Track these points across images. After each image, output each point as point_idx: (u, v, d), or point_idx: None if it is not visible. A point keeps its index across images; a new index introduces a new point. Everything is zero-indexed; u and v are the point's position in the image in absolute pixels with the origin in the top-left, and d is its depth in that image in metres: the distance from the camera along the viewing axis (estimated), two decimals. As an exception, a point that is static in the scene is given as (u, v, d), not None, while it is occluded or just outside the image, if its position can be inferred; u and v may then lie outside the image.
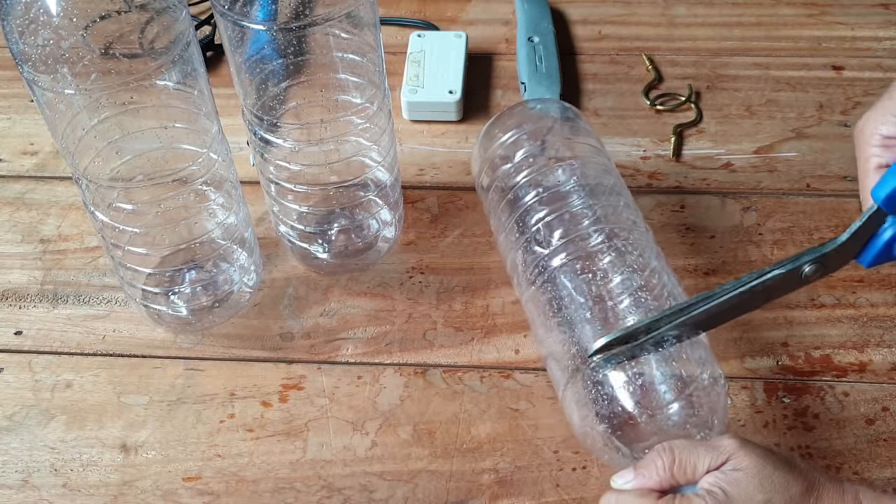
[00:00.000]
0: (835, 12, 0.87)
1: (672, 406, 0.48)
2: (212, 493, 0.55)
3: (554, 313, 0.54)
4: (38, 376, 0.61)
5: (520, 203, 0.59)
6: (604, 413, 0.49)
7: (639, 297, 0.52)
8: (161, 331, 0.63)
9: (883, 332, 0.61)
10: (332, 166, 0.61)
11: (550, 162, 0.61)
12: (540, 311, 0.56)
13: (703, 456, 0.45)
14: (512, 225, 0.59)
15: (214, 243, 0.61)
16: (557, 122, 0.64)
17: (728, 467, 0.45)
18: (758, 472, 0.44)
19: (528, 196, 0.59)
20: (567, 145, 0.62)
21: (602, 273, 0.54)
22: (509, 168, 0.62)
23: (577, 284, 0.54)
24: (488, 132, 0.65)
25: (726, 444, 0.45)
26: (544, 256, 0.56)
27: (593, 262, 0.54)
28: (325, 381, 0.60)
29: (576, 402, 0.51)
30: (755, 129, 0.76)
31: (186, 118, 0.56)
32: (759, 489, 0.43)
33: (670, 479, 0.46)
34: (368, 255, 0.66)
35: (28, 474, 0.56)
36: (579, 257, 0.55)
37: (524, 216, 0.59)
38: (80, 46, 0.48)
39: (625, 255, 0.54)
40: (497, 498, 0.54)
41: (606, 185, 0.59)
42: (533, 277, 0.56)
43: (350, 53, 0.58)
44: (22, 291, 0.66)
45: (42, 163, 0.76)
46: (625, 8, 0.89)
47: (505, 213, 0.61)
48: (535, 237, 0.57)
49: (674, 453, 0.46)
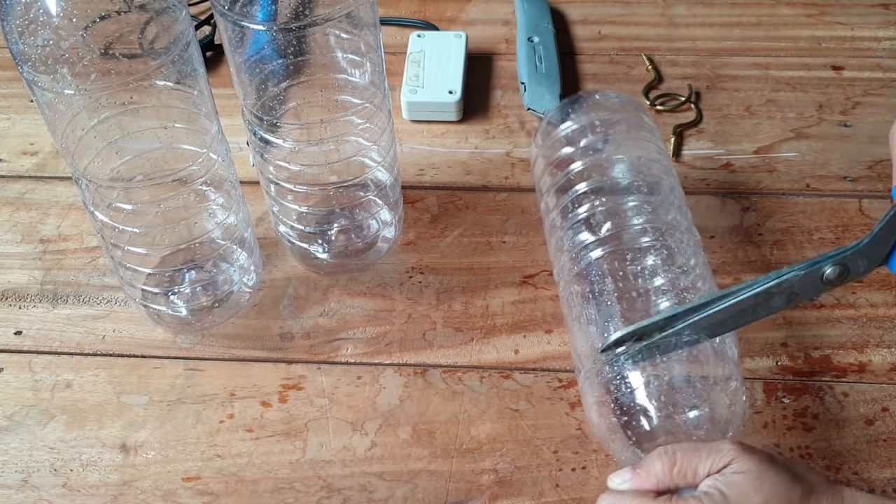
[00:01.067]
0: (835, 12, 0.87)
1: (691, 412, 0.48)
2: (211, 493, 0.55)
3: (588, 302, 0.54)
4: (37, 376, 0.61)
5: (573, 189, 0.60)
6: (621, 409, 0.49)
7: (678, 300, 0.52)
8: (161, 331, 0.63)
9: (882, 333, 0.61)
10: (331, 166, 0.61)
11: (611, 155, 0.61)
12: (576, 297, 0.56)
13: (704, 459, 0.45)
14: (564, 207, 0.59)
15: (214, 243, 0.61)
16: (625, 116, 0.64)
17: (729, 470, 0.44)
18: (758, 475, 0.44)
19: (583, 184, 0.59)
20: (630, 141, 0.62)
21: (645, 271, 0.54)
22: (569, 154, 0.62)
23: (618, 277, 0.54)
24: (555, 116, 0.65)
25: (728, 447, 0.45)
26: (589, 244, 0.56)
27: (638, 259, 0.54)
28: (324, 382, 0.60)
29: (595, 394, 0.51)
30: (755, 130, 0.76)
31: (186, 118, 0.56)
32: (758, 491, 0.43)
33: (669, 482, 0.46)
34: (368, 255, 0.66)
35: (28, 474, 0.56)
36: (625, 251, 0.55)
37: (576, 202, 0.59)
38: (79, 46, 0.48)
39: (671, 257, 0.54)
40: (497, 498, 0.54)
41: (663, 184, 0.59)
42: (575, 262, 0.56)
43: (350, 53, 0.58)
44: (22, 291, 0.66)
45: (42, 163, 0.76)
46: (625, 8, 0.89)
47: (554, 201, 0.61)
48: (585, 224, 0.57)
49: (675, 456, 0.46)
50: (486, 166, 0.74)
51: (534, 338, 0.62)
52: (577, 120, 0.64)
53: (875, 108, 0.77)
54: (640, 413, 0.49)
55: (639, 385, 0.50)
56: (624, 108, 0.65)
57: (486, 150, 0.75)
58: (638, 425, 0.49)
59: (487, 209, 0.70)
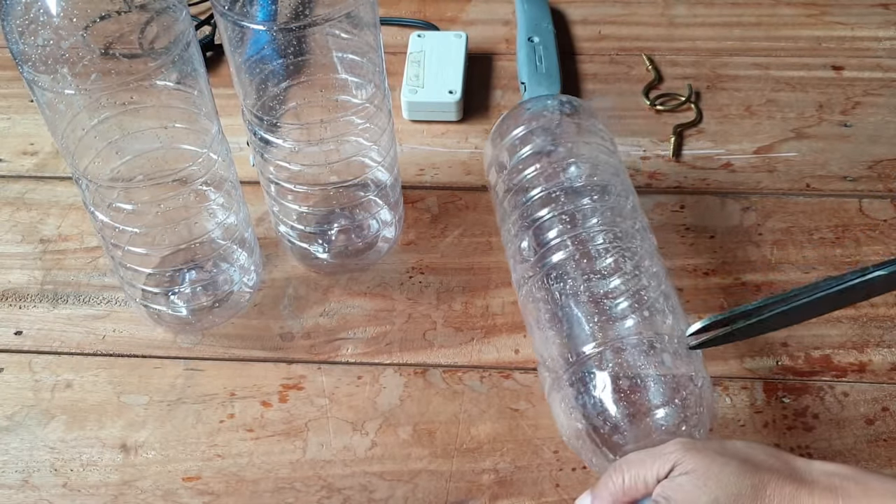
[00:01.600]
0: (835, 12, 0.87)
1: (658, 412, 0.48)
2: (212, 493, 0.55)
3: (548, 310, 0.54)
4: (38, 376, 0.61)
5: (525, 197, 0.59)
6: (588, 415, 0.49)
7: (635, 301, 0.52)
8: (161, 331, 0.63)
9: (883, 333, 0.61)
10: (331, 166, 0.61)
11: (560, 159, 0.61)
12: (535, 306, 0.56)
13: (650, 467, 0.44)
14: (515, 218, 0.59)
15: (214, 243, 0.61)
16: (570, 119, 0.64)
17: (675, 473, 0.43)
18: (703, 472, 0.42)
19: (533, 191, 0.59)
20: (579, 144, 0.62)
21: (600, 274, 0.54)
22: (518, 163, 0.62)
23: (575, 283, 0.54)
24: (501, 126, 0.65)
25: (671, 449, 0.44)
26: (544, 251, 0.56)
27: (593, 263, 0.54)
28: (324, 381, 0.60)
29: (563, 404, 0.51)
30: (755, 129, 0.76)
31: (186, 118, 0.56)
32: (704, 490, 0.42)
33: (625, 498, 0.45)
34: (368, 255, 0.66)
35: (28, 474, 0.56)
36: (580, 256, 0.55)
37: (528, 210, 0.59)
38: (80, 46, 0.48)
39: (626, 259, 0.54)
40: (497, 498, 0.54)
41: (614, 186, 0.59)
42: (531, 272, 0.56)
43: (350, 53, 0.58)
44: (22, 291, 0.66)
45: (42, 163, 0.76)
46: (625, 8, 0.89)
47: (510, 206, 0.61)
48: (537, 232, 0.57)
49: (623, 470, 0.45)
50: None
51: (534, 338, 0.62)
52: (527, 125, 0.63)
53: (875, 108, 0.77)
54: (606, 417, 0.49)
55: (603, 388, 0.49)
56: (575, 112, 0.65)
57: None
58: (605, 430, 0.49)
59: (487, 209, 0.70)
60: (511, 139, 0.63)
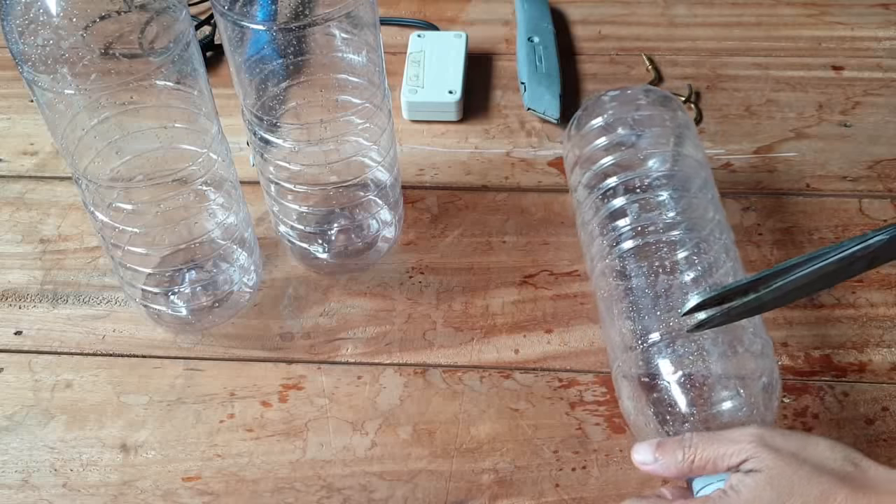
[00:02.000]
0: (835, 12, 0.87)
1: (725, 404, 0.49)
2: (211, 492, 0.55)
3: (621, 295, 0.55)
4: (38, 376, 0.61)
5: (605, 183, 0.60)
6: (656, 404, 0.50)
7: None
8: (161, 331, 0.63)
9: (883, 332, 0.61)
10: (331, 166, 0.61)
11: (644, 150, 0.61)
12: (608, 290, 0.56)
13: (722, 453, 0.45)
14: (596, 201, 0.60)
15: (214, 243, 0.61)
16: (662, 113, 0.64)
17: (746, 466, 0.44)
18: (774, 474, 0.43)
19: (614, 178, 0.60)
20: (663, 136, 0.62)
21: (675, 264, 0.54)
22: (601, 148, 0.62)
23: (650, 271, 0.54)
24: (589, 110, 0.65)
25: (746, 443, 0.45)
26: (621, 238, 0.57)
27: (670, 253, 0.55)
28: (324, 381, 0.60)
29: (629, 389, 0.52)
30: (755, 129, 0.76)
31: (186, 118, 0.56)
32: (771, 492, 0.43)
33: (688, 473, 0.46)
34: (368, 255, 0.66)
35: (28, 474, 0.56)
36: (657, 244, 0.55)
37: (608, 196, 0.59)
38: (79, 47, 0.48)
39: (703, 251, 0.55)
40: (496, 498, 0.54)
41: (695, 180, 0.59)
42: (607, 256, 0.57)
43: (350, 53, 0.58)
44: (22, 291, 0.66)
45: (42, 163, 0.76)
46: (625, 8, 0.89)
47: (588, 191, 0.61)
48: (616, 217, 0.58)
49: (695, 449, 0.46)
50: (486, 166, 0.74)
51: (534, 338, 0.62)
52: (610, 115, 0.64)
53: (875, 108, 0.77)
54: (674, 407, 0.49)
55: (672, 379, 0.50)
56: (658, 103, 0.65)
57: (486, 150, 0.75)
58: (673, 419, 0.49)
59: (487, 209, 0.70)
60: (590, 129, 0.64)
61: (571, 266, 0.66)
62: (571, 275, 0.65)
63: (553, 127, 0.77)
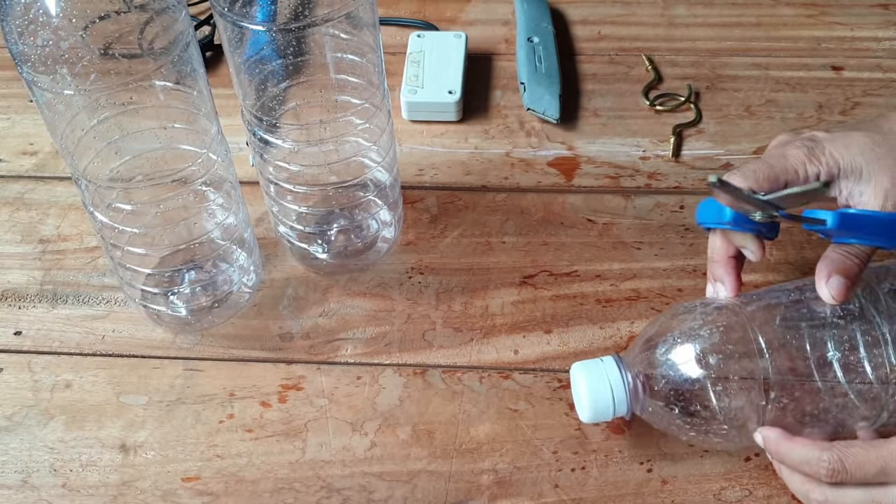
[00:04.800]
0: (834, 12, 0.87)
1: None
2: (211, 493, 0.55)
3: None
4: (37, 376, 0.61)
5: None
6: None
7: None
8: (160, 331, 0.63)
9: (882, 333, 0.61)
10: (331, 167, 0.61)
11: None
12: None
13: None
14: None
15: (214, 244, 0.61)
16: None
17: None
18: None
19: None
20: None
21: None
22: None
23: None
24: None
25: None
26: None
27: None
28: (324, 382, 0.60)
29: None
30: (755, 130, 0.76)
31: (186, 118, 0.56)
32: None
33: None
34: (368, 255, 0.66)
35: (27, 474, 0.56)
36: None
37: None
38: (79, 47, 0.48)
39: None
40: (496, 498, 0.54)
41: None
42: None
43: (349, 54, 0.58)
44: (21, 291, 0.66)
45: (42, 163, 0.76)
46: (625, 8, 0.89)
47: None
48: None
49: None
50: (485, 166, 0.74)
51: (533, 338, 0.62)
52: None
53: (875, 108, 0.77)
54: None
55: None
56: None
57: (485, 150, 0.75)
58: None
59: (487, 209, 0.70)
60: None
61: (571, 266, 0.66)
62: (571, 275, 0.65)
63: (553, 127, 0.77)
